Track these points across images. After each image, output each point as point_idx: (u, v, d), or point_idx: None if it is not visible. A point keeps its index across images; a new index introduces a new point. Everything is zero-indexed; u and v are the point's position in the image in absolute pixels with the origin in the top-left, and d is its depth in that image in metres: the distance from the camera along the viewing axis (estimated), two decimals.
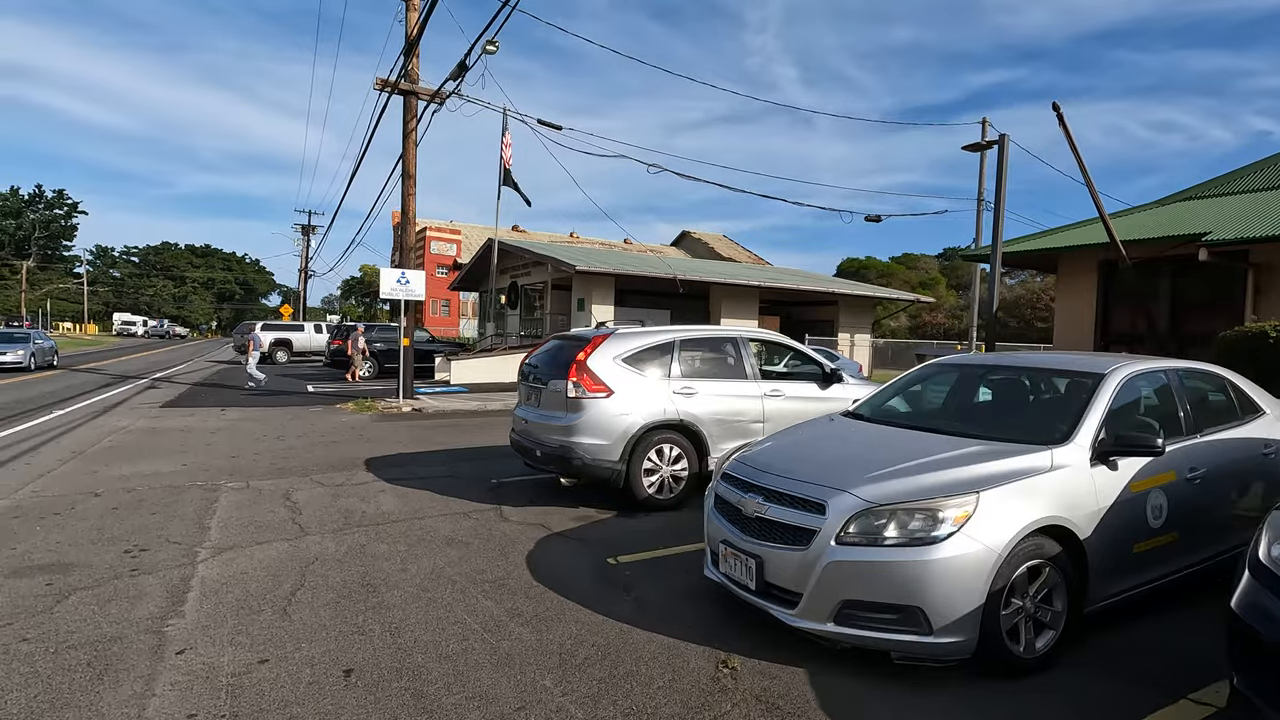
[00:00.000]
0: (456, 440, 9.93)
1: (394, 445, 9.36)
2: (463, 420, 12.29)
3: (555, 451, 5.80)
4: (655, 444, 5.90)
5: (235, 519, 5.55)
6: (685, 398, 6.05)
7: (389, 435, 10.30)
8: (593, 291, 19.37)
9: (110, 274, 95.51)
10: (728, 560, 3.54)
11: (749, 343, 6.66)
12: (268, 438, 9.80)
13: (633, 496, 5.84)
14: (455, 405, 14.00)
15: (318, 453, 8.66)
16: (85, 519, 5.48)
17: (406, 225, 14.62)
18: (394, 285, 13.91)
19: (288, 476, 7.20)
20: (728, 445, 6.24)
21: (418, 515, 5.76)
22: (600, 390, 5.74)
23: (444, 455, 8.68)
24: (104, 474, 7.17)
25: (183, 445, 9.01)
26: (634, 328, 6.27)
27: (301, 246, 52.83)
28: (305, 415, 12.50)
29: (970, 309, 48.43)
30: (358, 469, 7.67)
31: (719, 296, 21.89)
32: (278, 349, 28.48)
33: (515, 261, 24.76)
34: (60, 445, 8.82)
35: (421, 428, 11.19)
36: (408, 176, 14.50)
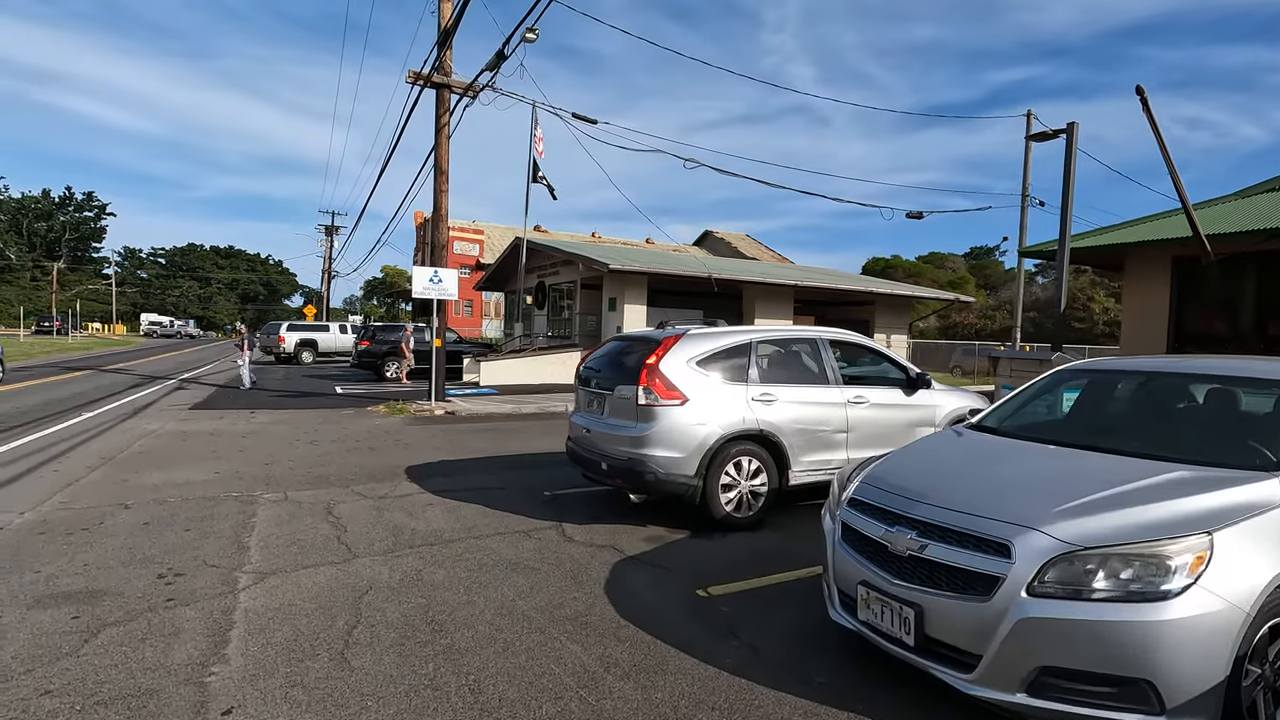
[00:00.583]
0: (497, 446, 9.42)
1: (433, 451, 8.88)
2: (499, 424, 11.80)
3: (624, 465, 5.24)
4: (733, 457, 5.33)
5: (276, 537, 5.07)
6: (764, 405, 5.46)
7: (425, 440, 9.83)
8: (625, 291, 18.84)
9: (138, 275, 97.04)
10: (870, 606, 2.96)
11: (829, 344, 6.06)
12: (300, 442, 9.37)
13: (709, 515, 5.27)
14: (489, 408, 13.53)
15: (355, 459, 8.20)
16: (115, 535, 5.03)
17: (439, 222, 14.18)
18: (426, 284, 13.48)
19: (327, 487, 6.73)
20: (809, 458, 5.66)
21: (473, 534, 5.24)
22: (674, 397, 5.18)
23: (487, 463, 8.17)
24: (134, 483, 6.75)
25: (214, 450, 8.60)
26: (706, 327, 5.70)
27: (325, 247, 53.01)
28: (337, 418, 12.10)
29: (1012, 308, 47.14)
30: (399, 478, 7.18)
31: (753, 296, 21.26)
32: (303, 349, 28.32)
33: (543, 261, 24.30)
34: (89, 450, 8.45)
35: (458, 432, 10.71)
36: (440, 172, 14.06)
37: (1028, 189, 22.95)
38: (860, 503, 3.25)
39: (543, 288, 24.92)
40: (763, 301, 21.25)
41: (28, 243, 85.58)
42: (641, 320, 19.19)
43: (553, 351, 19.97)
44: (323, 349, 29.09)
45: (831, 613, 3.28)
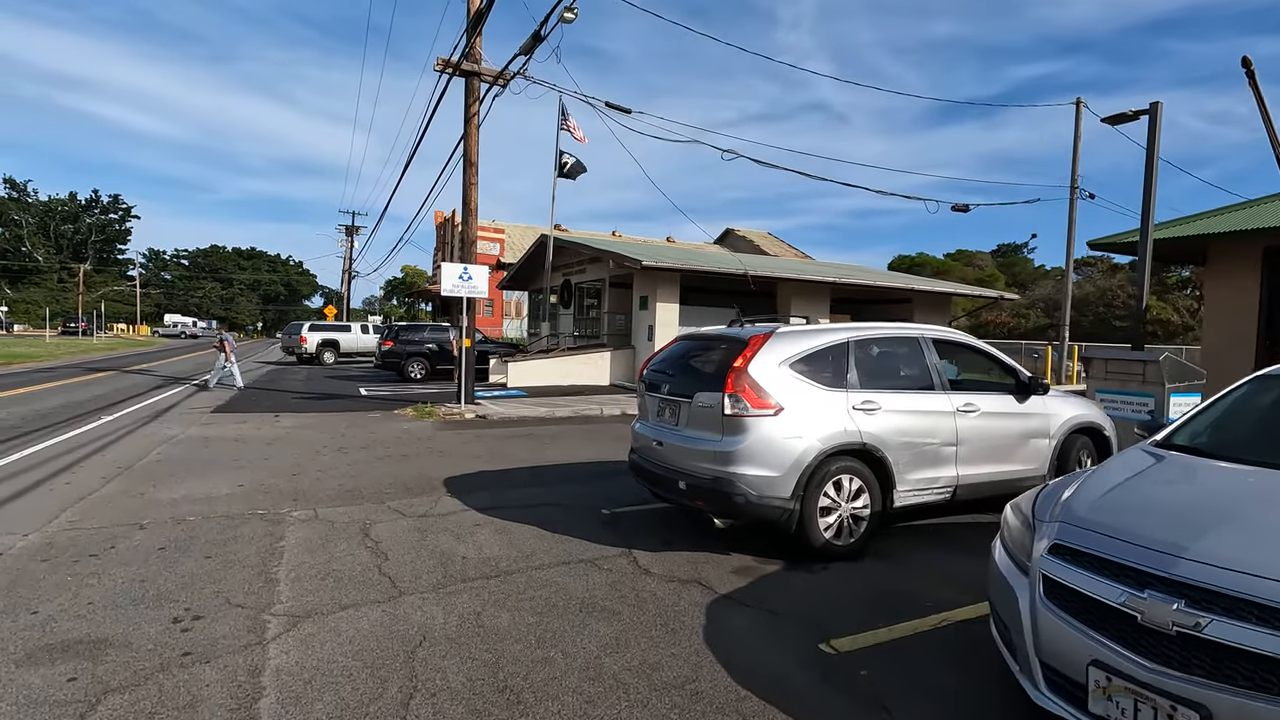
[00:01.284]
0: (537, 454, 8.73)
1: (470, 460, 8.21)
2: (534, 429, 11.13)
3: (708, 485, 4.50)
4: (833, 475, 4.57)
5: (308, 566, 4.40)
6: (866, 415, 4.70)
7: (460, 447, 9.17)
8: (657, 289, 18.10)
9: (161, 276, 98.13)
10: (1112, 699, 2.19)
11: (932, 344, 5.28)
12: (328, 449, 8.76)
13: (806, 543, 4.52)
14: (521, 411, 12.87)
15: (387, 469, 7.55)
16: (127, 564, 4.39)
17: (468, 216, 13.55)
18: (456, 281, 12.85)
19: (360, 502, 6.07)
20: (915, 475, 4.88)
21: (532, 563, 4.54)
22: (766, 406, 4.43)
23: (532, 475, 7.48)
24: (151, 497, 6.14)
25: (237, 459, 8.01)
26: (797, 324, 4.94)
27: (345, 247, 52.92)
28: (363, 422, 11.50)
29: (1046, 305, 45.78)
30: (439, 492, 6.51)
31: (788, 294, 20.42)
32: (325, 350, 27.93)
33: (569, 259, 23.64)
34: (105, 459, 7.89)
35: (493, 438, 10.05)
36: (469, 164, 13.43)
37: (1076, 181, 21.87)
38: (1072, 550, 2.48)
39: (569, 286, 24.26)
40: (798, 299, 20.40)
41: (55, 245, 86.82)
42: (674, 319, 18.45)
43: (581, 351, 19.30)
44: (345, 349, 28.69)
45: (1034, 695, 2.51)
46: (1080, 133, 21.64)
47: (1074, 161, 21.73)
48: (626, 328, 21.35)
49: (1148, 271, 10.52)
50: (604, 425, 11.76)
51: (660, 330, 18.24)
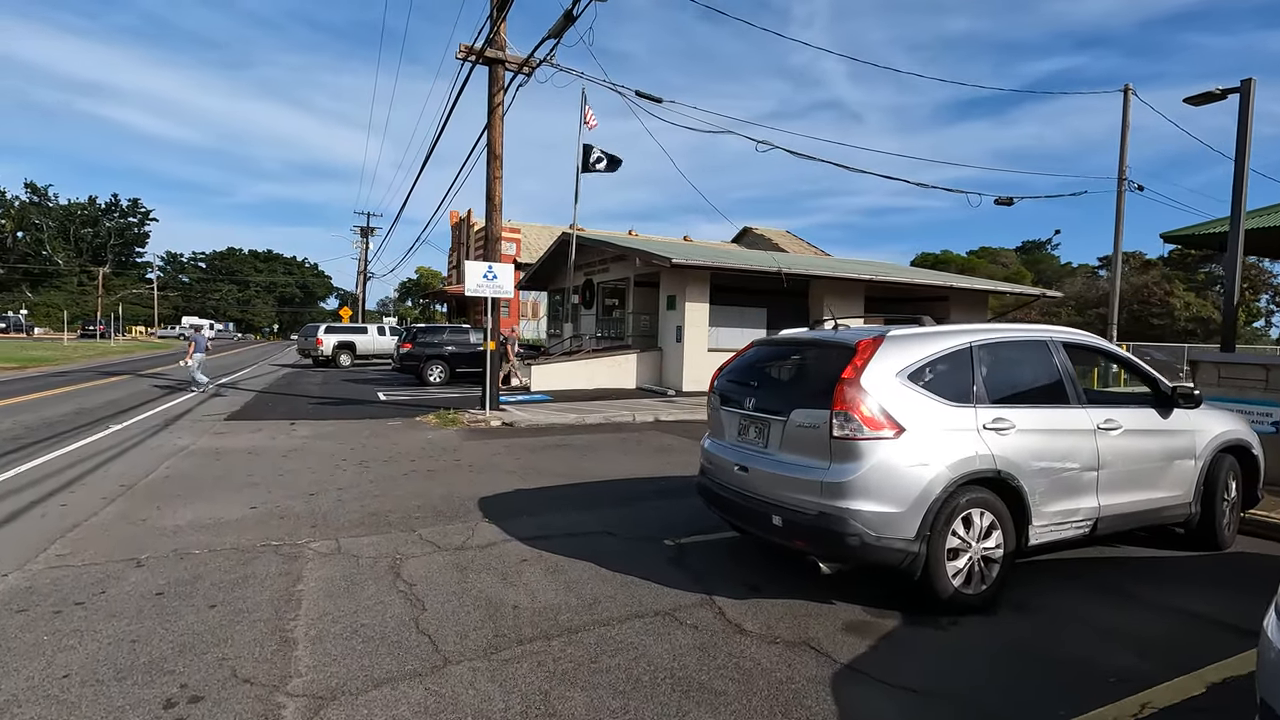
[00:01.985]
0: (575, 469, 7.98)
1: (503, 476, 7.47)
2: (566, 439, 10.37)
3: (811, 522, 3.71)
4: (963, 509, 3.76)
5: (331, 619, 3.66)
6: (999, 436, 3.89)
7: (489, 460, 8.44)
8: (686, 288, 17.31)
9: (179, 279, 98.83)
10: None
11: (1063, 347, 4.46)
12: (349, 463, 8.06)
13: (932, 593, 3.72)
14: (549, 418, 12.13)
15: (414, 487, 6.83)
16: (117, 616, 3.68)
17: (492, 212, 12.84)
18: (480, 281, 12.14)
19: (387, 530, 5.34)
20: (1053, 508, 4.07)
21: (598, 614, 3.77)
22: (885, 427, 3.64)
23: (574, 494, 6.72)
24: (153, 524, 5.45)
25: (250, 474, 7.32)
26: (909, 327, 4.13)
27: (360, 249, 52.62)
28: (384, 431, 10.81)
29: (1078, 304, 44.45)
30: (474, 516, 5.77)
31: (820, 292, 19.55)
32: (341, 352, 27.41)
33: (591, 258, 22.90)
34: (108, 475, 7.23)
35: (524, 449, 9.31)
36: (493, 156, 12.72)
37: (1125, 172, 20.77)
38: None
39: (590, 286, 23.53)
40: (831, 298, 19.52)
41: (75, 248, 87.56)
42: (703, 320, 17.64)
43: (606, 354, 18.56)
44: (361, 351, 28.17)
45: None
46: (1128, 121, 20.56)
47: (1122, 151, 20.64)
48: (652, 329, 20.57)
49: (1239, 264, 9.57)
50: (639, 434, 10.99)
51: (689, 331, 17.45)
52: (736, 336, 18.92)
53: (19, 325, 59.99)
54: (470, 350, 19.87)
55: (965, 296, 22.28)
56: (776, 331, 17.13)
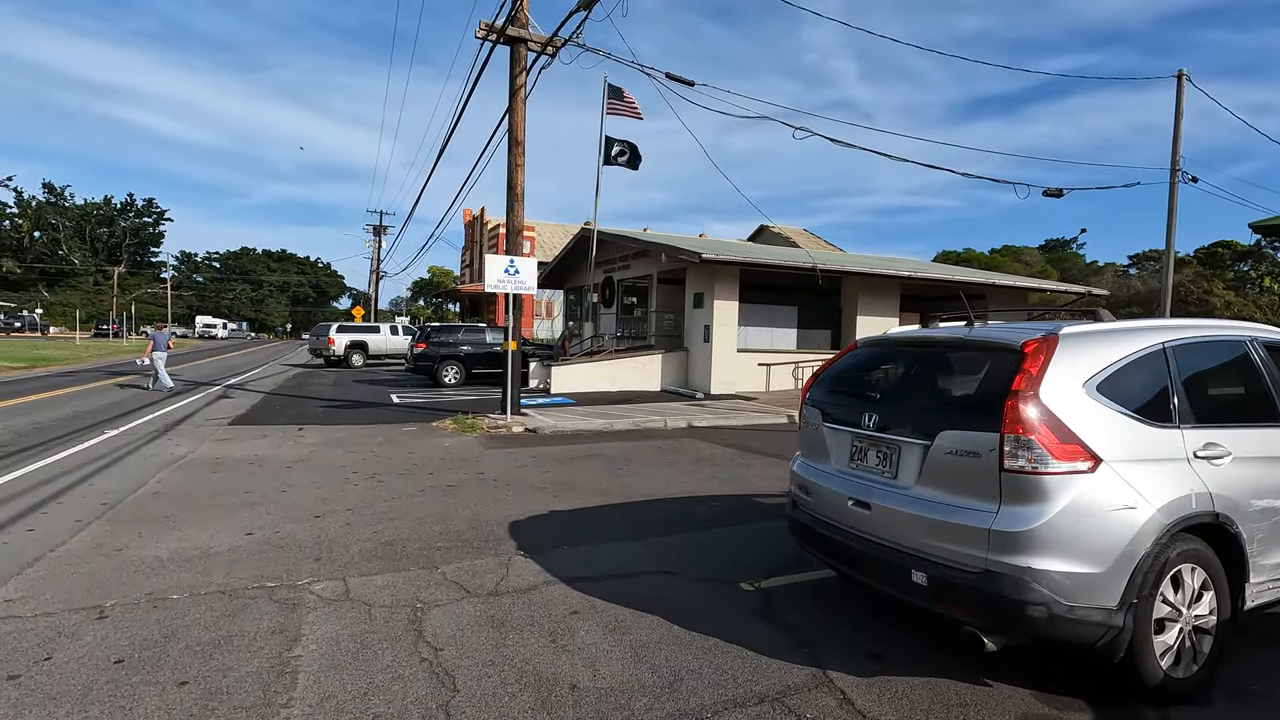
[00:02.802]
0: (613, 484, 7.07)
1: (532, 493, 6.58)
2: (595, 447, 9.48)
3: (976, 584, 2.77)
4: (1172, 565, 2.82)
5: (336, 703, 2.78)
6: (1212, 466, 2.95)
7: (516, 472, 7.56)
8: (715, 285, 16.37)
9: (194, 279, 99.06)
10: None
11: (1265, 348, 3.50)
12: (360, 476, 7.21)
13: (1137, 678, 2.78)
14: (574, 423, 11.24)
15: (434, 507, 5.95)
16: (56, 700, 2.81)
17: (514, 203, 11.97)
18: (501, 276, 11.27)
19: (405, 566, 4.46)
20: (1274, 559, 3.11)
21: (683, 703, 2.86)
22: (1077, 456, 2.71)
23: (617, 517, 5.82)
24: (130, 556, 4.60)
25: (249, 492, 6.48)
26: (1081, 322, 3.19)
27: (373, 248, 52.13)
28: (398, 438, 9.97)
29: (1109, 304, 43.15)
30: (506, 548, 4.88)
31: (853, 290, 18.54)
32: (353, 352, 26.70)
33: (611, 255, 22.01)
34: (90, 491, 6.41)
35: (551, 459, 8.42)
36: (515, 143, 11.85)
37: (1178, 163, 19.62)
38: None
39: (611, 283, 22.64)
40: (866, 296, 18.52)
41: (90, 248, 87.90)
42: (733, 318, 16.70)
43: (630, 354, 17.66)
44: (373, 351, 27.46)
45: None
46: (1182, 109, 19.41)
47: (1175, 140, 19.49)
48: (677, 328, 19.65)
49: None
50: (674, 442, 10.07)
51: (718, 330, 16.52)
52: (765, 336, 17.98)
53: (34, 324, 60.01)
54: (487, 350, 19.05)
55: (1004, 295, 21.18)
56: (808, 331, 16.00)
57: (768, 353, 17.64)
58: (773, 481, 7.26)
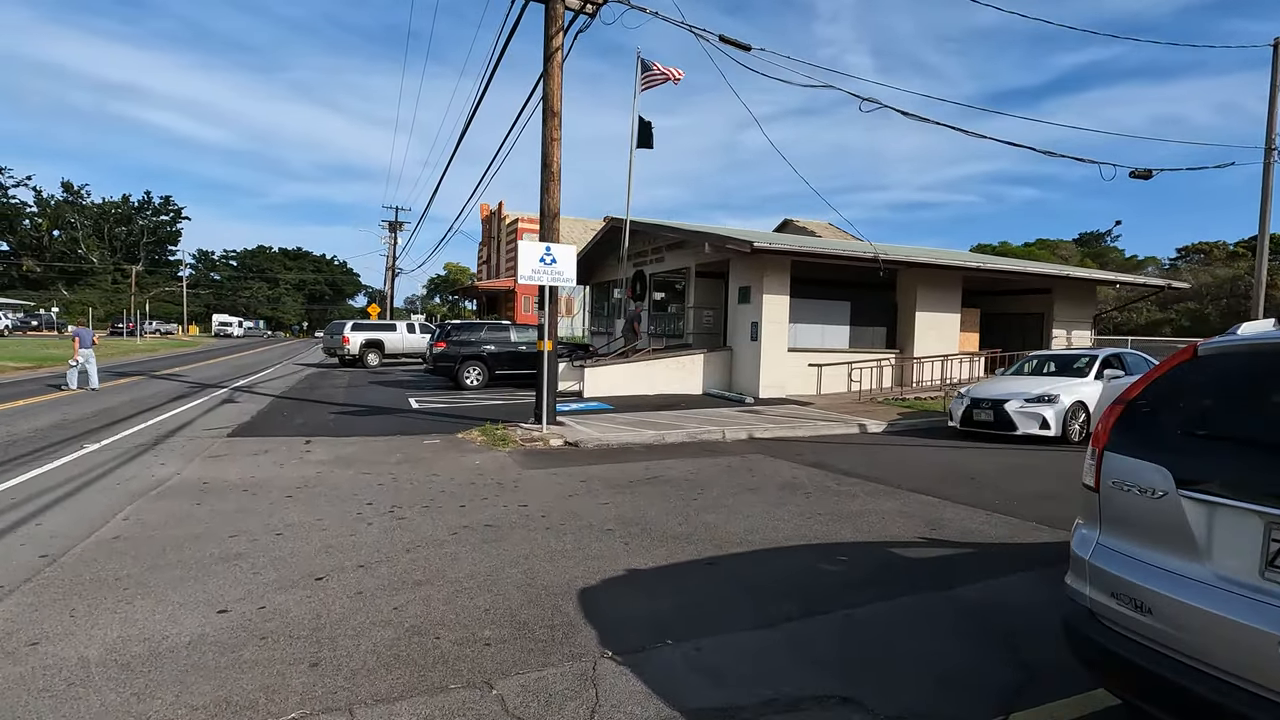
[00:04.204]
0: (693, 522, 5.56)
1: (595, 537, 5.09)
2: (654, 465, 7.97)
3: None
4: None
5: None
6: None
7: (566, 503, 6.08)
8: (764, 278, 14.80)
9: (210, 277, 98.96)
10: None
11: None
12: (375, 509, 5.77)
13: None
14: (620, 435, 9.76)
15: (472, 564, 4.49)
16: None
17: (549, 183, 10.48)
18: (536, 266, 9.80)
19: (442, 683, 2.98)
20: None
21: None
22: None
23: (723, 579, 4.31)
24: (43, 657, 3.17)
25: (235, 535, 5.06)
26: None
27: (389, 244, 51.01)
28: (420, 453, 8.54)
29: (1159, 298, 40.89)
30: (584, 643, 3.39)
31: (912, 284, 16.88)
32: (369, 351, 25.43)
33: (642, 247, 20.51)
34: (33, 536, 5.02)
35: (606, 485, 6.94)
36: (550, 114, 10.37)
37: (1274, 141, 17.74)
38: None
39: (642, 278, 21.13)
40: (925, 290, 16.85)
41: (109, 246, 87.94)
42: (783, 315, 15.12)
43: (669, 354, 16.15)
44: (390, 350, 26.19)
45: None
46: (1278, 80, 17.51)
47: (1270, 116, 17.59)
48: (716, 325, 18.12)
49: None
50: (743, 460, 8.55)
51: (767, 328, 14.95)
52: (816, 335, 16.38)
53: (50, 323, 59.66)
54: (512, 350, 17.63)
55: (1072, 289, 19.42)
56: (862, 329, 14.19)
57: (819, 352, 16.05)
58: (896, 520, 5.72)
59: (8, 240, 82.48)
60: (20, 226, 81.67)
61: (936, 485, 7.10)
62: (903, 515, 5.84)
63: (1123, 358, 10.87)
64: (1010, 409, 9.76)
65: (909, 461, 8.60)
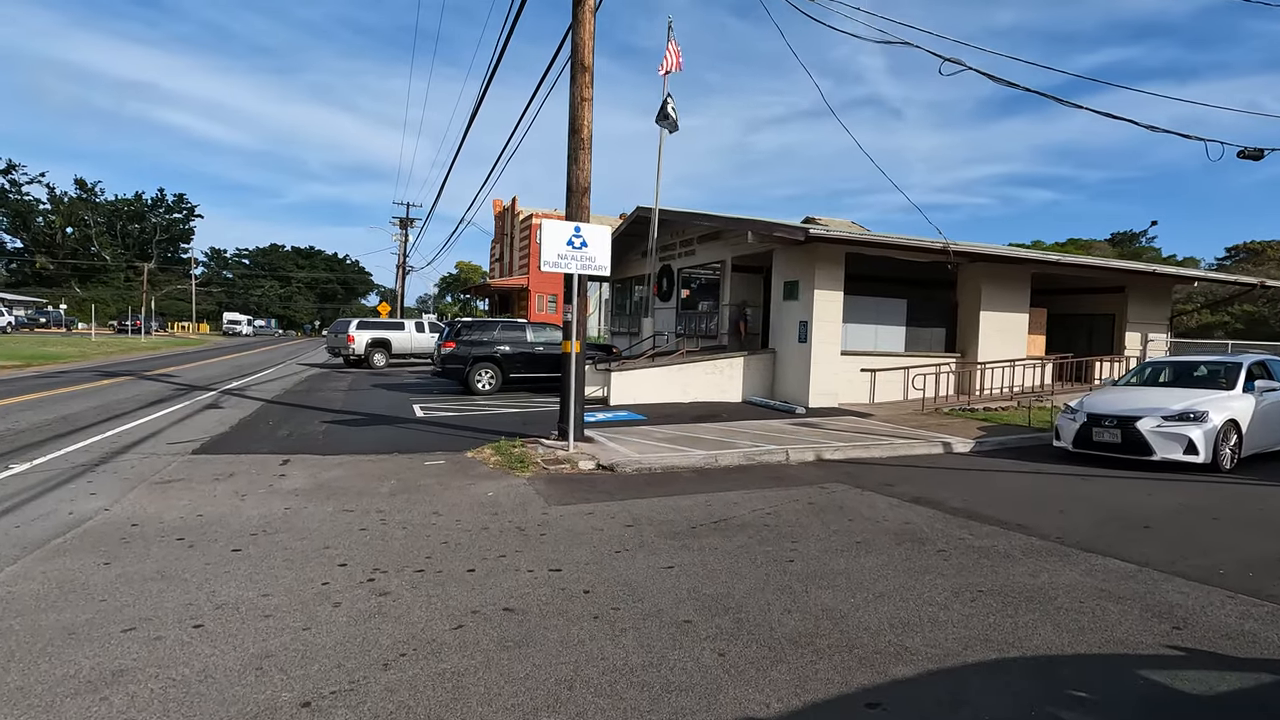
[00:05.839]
0: (809, 606, 3.80)
1: (672, 638, 3.35)
2: (715, 501, 6.22)
3: None
4: None
5: None
6: None
7: (615, 571, 4.35)
8: (815, 271, 13.00)
9: (223, 275, 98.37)
10: None
11: None
12: (346, 581, 4.07)
13: None
14: (662, 455, 8.01)
15: (482, 702, 2.76)
16: None
17: (578, 152, 8.76)
18: (562, 250, 8.09)
19: None
20: None
21: None
22: None
23: None
24: None
25: (130, 630, 3.37)
26: None
27: (399, 241, 49.60)
28: (420, 480, 6.85)
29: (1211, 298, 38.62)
30: None
31: (975, 280, 15.01)
32: (375, 351, 23.88)
33: (670, 239, 18.79)
34: None
35: (661, 532, 5.19)
36: (580, 69, 8.67)
37: None
38: None
39: (669, 273, 19.40)
40: (991, 287, 14.99)
41: (121, 244, 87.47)
42: (837, 313, 13.30)
43: (705, 358, 14.38)
44: (397, 350, 24.63)
45: None
46: None
47: None
48: (755, 324, 16.33)
49: None
50: (820, 491, 6.78)
51: (819, 328, 13.15)
52: (869, 336, 14.56)
53: (59, 320, 58.86)
54: (528, 352, 15.95)
55: (1149, 287, 17.46)
56: (918, 330, 12.07)
57: (872, 356, 14.23)
58: (1101, 605, 3.92)
59: (21, 237, 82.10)
60: (34, 224, 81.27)
61: (1108, 538, 5.30)
62: (1106, 596, 4.05)
63: (1269, 366, 8.98)
64: (1145, 429, 7.91)
65: (1037, 498, 6.79)
